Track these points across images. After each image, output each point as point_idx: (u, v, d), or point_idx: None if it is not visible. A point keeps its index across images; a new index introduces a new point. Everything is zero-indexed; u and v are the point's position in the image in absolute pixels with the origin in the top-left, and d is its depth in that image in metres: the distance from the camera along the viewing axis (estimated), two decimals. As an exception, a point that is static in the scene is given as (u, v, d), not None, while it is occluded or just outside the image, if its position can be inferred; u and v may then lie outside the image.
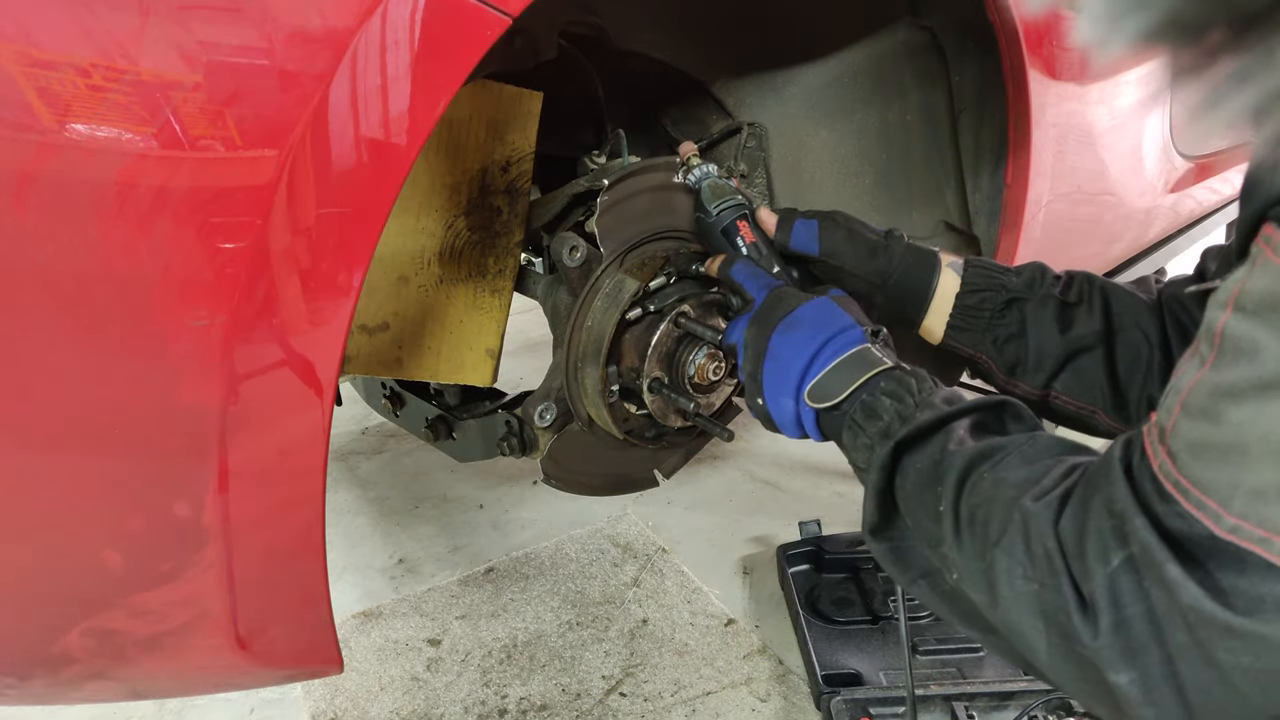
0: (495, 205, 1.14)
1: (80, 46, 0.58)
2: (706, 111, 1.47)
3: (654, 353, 1.12)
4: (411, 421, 1.38)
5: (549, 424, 1.19)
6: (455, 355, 1.19)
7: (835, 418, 0.84)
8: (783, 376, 0.88)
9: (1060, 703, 1.31)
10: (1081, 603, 0.59)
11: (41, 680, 0.82)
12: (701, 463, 2.13)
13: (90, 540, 0.72)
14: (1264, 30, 0.39)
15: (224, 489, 0.71)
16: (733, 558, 1.78)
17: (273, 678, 0.93)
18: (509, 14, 0.72)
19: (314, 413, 0.73)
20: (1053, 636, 0.61)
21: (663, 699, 1.41)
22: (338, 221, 0.69)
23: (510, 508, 1.97)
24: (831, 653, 1.45)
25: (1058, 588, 0.60)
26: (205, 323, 0.65)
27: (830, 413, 0.85)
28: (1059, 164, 1.43)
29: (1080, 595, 0.59)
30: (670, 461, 1.38)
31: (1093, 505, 0.60)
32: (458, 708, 1.40)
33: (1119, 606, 0.57)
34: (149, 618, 0.77)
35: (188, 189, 0.62)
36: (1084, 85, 1.40)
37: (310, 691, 1.44)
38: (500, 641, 1.54)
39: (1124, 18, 0.42)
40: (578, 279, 1.11)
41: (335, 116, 0.66)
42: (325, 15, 0.65)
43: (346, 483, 2.09)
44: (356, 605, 1.65)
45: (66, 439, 0.67)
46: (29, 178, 0.58)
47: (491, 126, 1.10)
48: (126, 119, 0.59)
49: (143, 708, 1.41)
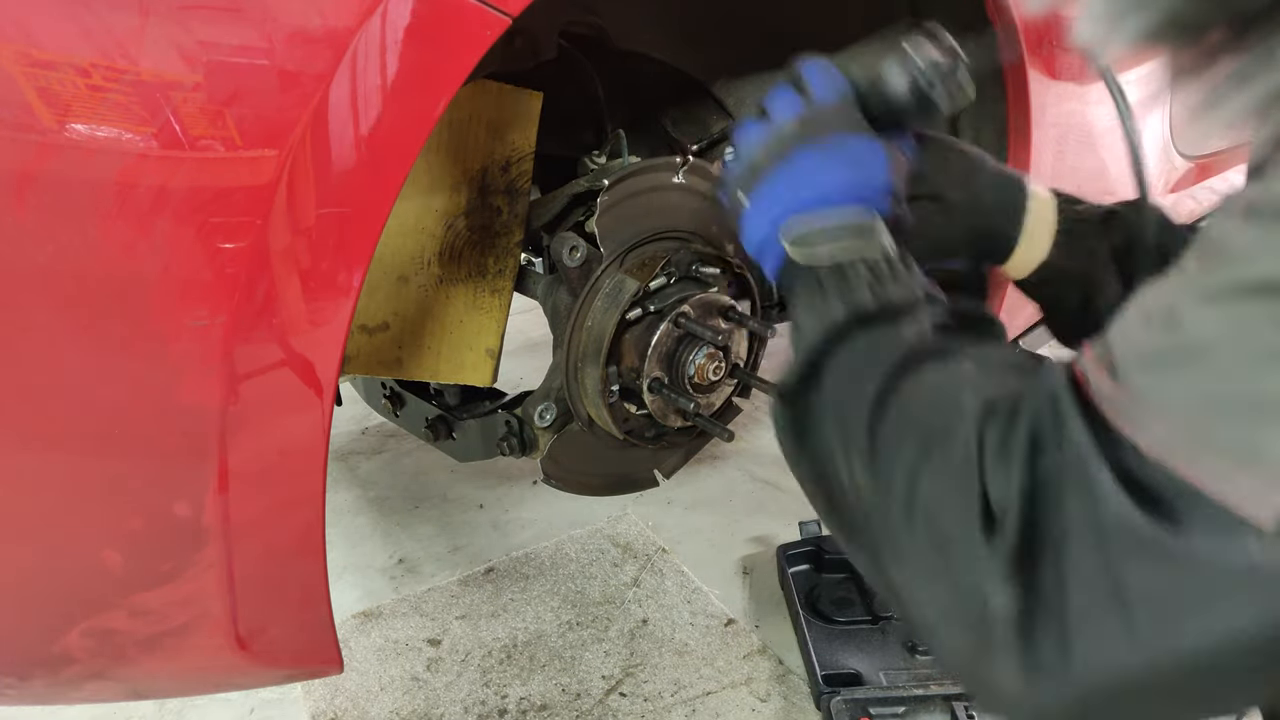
0: (495, 205, 1.15)
1: (80, 46, 0.58)
2: (706, 111, 1.47)
3: (654, 353, 1.12)
4: (411, 421, 1.38)
5: (549, 424, 1.19)
6: (455, 355, 1.19)
7: (799, 271, 0.76)
8: (785, 190, 0.78)
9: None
10: (986, 511, 0.54)
11: (41, 680, 0.82)
12: (701, 463, 2.12)
13: (90, 540, 0.72)
14: (1264, 30, 0.39)
15: (224, 489, 0.71)
16: (733, 558, 1.78)
17: (273, 678, 0.93)
18: (509, 14, 0.72)
19: (314, 413, 0.73)
20: (933, 553, 0.57)
21: (663, 699, 1.41)
22: (338, 221, 0.69)
23: (510, 508, 1.97)
24: (831, 653, 1.45)
25: (966, 490, 0.56)
26: (205, 323, 0.65)
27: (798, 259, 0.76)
28: (1059, 164, 1.43)
29: (987, 502, 0.55)
30: (670, 461, 1.38)
31: (1025, 410, 0.55)
32: (458, 708, 1.40)
33: (1028, 516, 0.52)
34: (149, 618, 0.77)
35: (188, 189, 0.62)
36: (1084, 85, 1.40)
37: (310, 691, 1.44)
38: (500, 641, 1.54)
39: (1124, 18, 0.42)
40: (578, 279, 1.11)
41: (335, 116, 0.66)
42: (325, 15, 0.65)
43: (346, 483, 2.09)
44: (356, 605, 1.65)
45: (67, 439, 0.67)
46: (29, 178, 0.58)
47: (491, 126, 1.10)
48: (126, 119, 0.59)
49: (143, 708, 1.41)
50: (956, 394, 0.61)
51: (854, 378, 0.68)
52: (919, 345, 0.67)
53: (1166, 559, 0.48)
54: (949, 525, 0.56)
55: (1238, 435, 0.44)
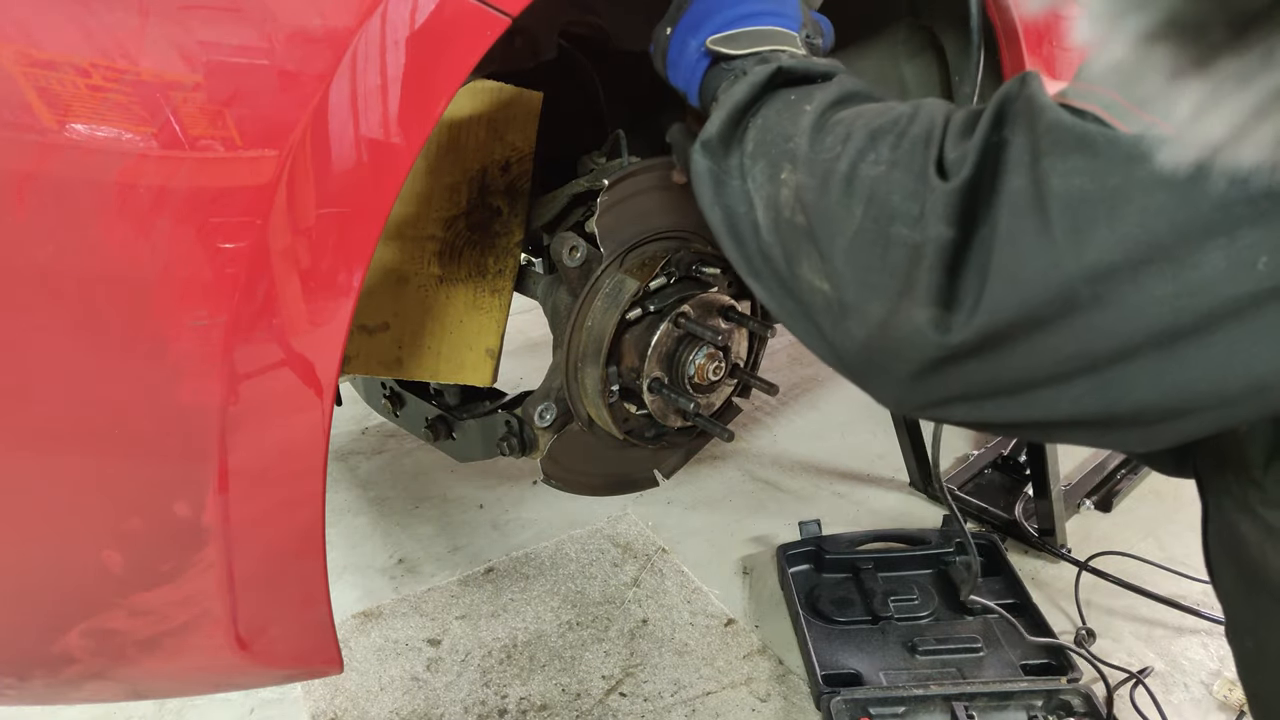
0: (495, 205, 1.14)
1: (80, 46, 0.58)
2: (706, 111, 1.47)
3: (654, 353, 1.12)
4: (411, 421, 1.38)
5: (549, 424, 1.19)
6: (455, 355, 1.19)
7: (724, 71, 0.84)
8: (707, 14, 0.86)
9: (1060, 703, 1.32)
10: (940, 168, 0.60)
11: (41, 680, 0.82)
12: (701, 463, 2.13)
13: (90, 540, 0.72)
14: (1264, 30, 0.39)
15: (224, 489, 0.71)
16: (733, 558, 1.78)
17: (273, 678, 0.93)
18: (509, 14, 0.72)
19: (314, 413, 0.73)
20: (866, 220, 0.63)
21: (663, 699, 1.41)
22: (338, 221, 0.69)
23: (510, 508, 1.97)
24: (831, 653, 1.45)
25: (912, 163, 0.62)
26: (205, 323, 0.65)
27: (723, 64, 0.84)
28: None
29: (941, 163, 0.60)
30: (670, 461, 1.38)
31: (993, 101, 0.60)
32: (458, 708, 1.40)
33: (979, 160, 0.58)
34: (149, 618, 0.77)
35: (188, 189, 0.62)
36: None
37: (310, 691, 1.44)
38: (500, 641, 1.54)
39: (1124, 17, 0.42)
40: (578, 279, 1.11)
41: (335, 116, 0.66)
42: (325, 15, 0.65)
43: (346, 483, 2.09)
44: (356, 605, 1.65)
45: (67, 439, 0.67)
46: (29, 178, 0.58)
47: (491, 126, 1.10)
48: (126, 119, 0.59)
49: (143, 708, 1.41)
50: (900, 107, 0.68)
51: (789, 108, 0.75)
52: (853, 88, 0.75)
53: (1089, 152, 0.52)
54: (890, 193, 0.62)
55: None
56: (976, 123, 0.60)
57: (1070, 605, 1.59)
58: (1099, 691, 1.34)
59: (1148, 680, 1.40)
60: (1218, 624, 1.53)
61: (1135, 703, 1.37)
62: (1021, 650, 1.45)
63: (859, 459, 2.15)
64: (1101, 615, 1.58)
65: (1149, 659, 1.48)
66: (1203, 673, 1.45)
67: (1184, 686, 1.43)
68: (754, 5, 0.85)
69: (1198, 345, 0.51)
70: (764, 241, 0.73)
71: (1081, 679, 1.37)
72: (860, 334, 0.65)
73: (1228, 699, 1.38)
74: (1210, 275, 0.49)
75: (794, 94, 0.76)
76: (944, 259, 0.58)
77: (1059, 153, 0.54)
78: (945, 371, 0.60)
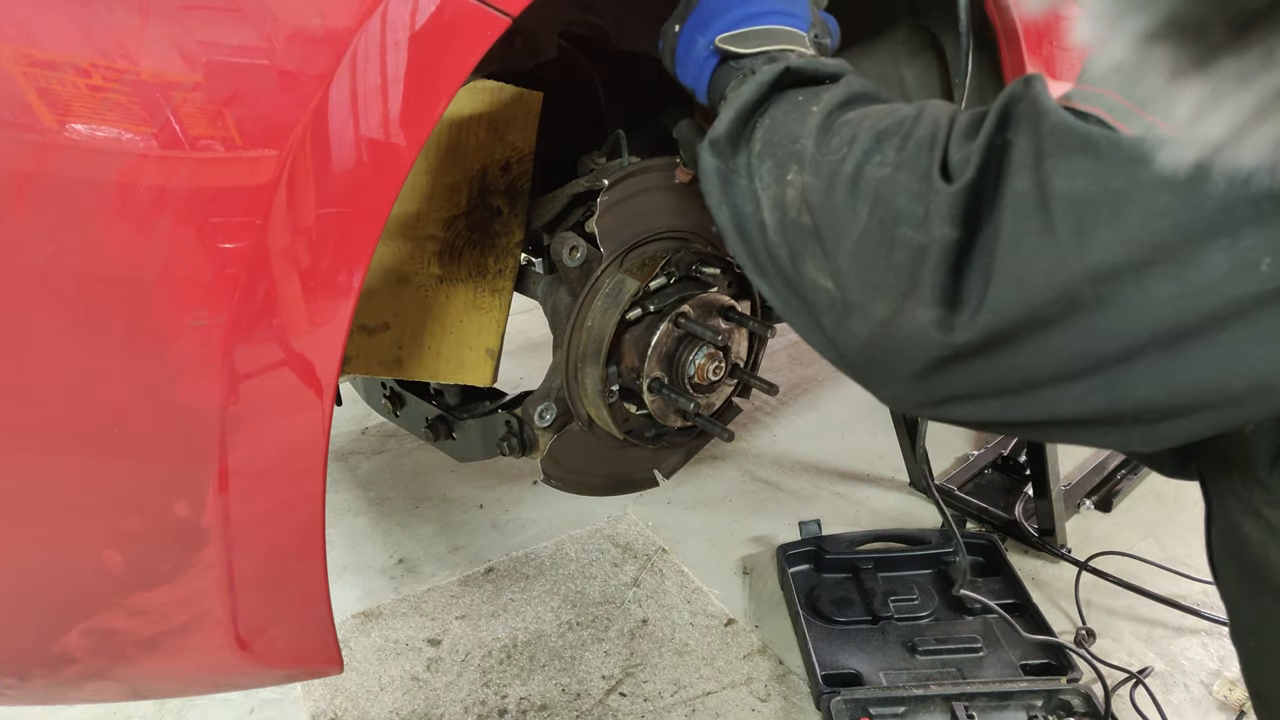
0: (495, 205, 1.15)
1: (80, 46, 0.58)
2: (706, 111, 1.47)
3: (654, 353, 1.12)
4: (411, 421, 1.38)
5: (549, 424, 1.19)
6: (455, 355, 1.19)
7: (732, 70, 0.85)
8: (715, 12, 0.87)
9: (1060, 703, 1.32)
10: (944, 169, 0.60)
11: (41, 680, 0.82)
12: (701, 463, 2.12)
13: (90, 540, 0.72)
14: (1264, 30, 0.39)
15: (224, 489, 0.71)
16: (733, 558, 1.78)
17: (273, 678, 0.93)
18: (509, 14, 0.72)
19: (314, 413, 0.73)
20: (871, 222, 0.63)
21: (663, 699, 1.41)
22: (338, 221, 0.69)
23: (510, 508, 1.97)
24: (831, 653, 1.45)
25: (916, 165, 0.62)
26: (205, 323, 0.65)
27: (731, 63, 0.85)
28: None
29: (945, 165, 0.61)
30: (670, 461, 1.38)
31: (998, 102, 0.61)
32: (458, 708, 1.40)
33: (983, 162, 0.58)
34: (149, 618, 0.77)
35: (188, 189, 0.62)
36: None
37: (310, 691, 1.44)
38: (500, 641, 1.54)
39: (1124, 17, 0.42)
40: (578, 279, 1.11)
41: (335, 116, 0.66)
42: (325, 15, 0.65)
43: (346, 483, 2.09)
44: (356, 605, 1.65)
45: (67, 439, 0.67)
46: (29, 178, 0.58)
47: (491, 126, 1.10)
48: (126, 119, 0.59)
49: (143, 708, 1.41)
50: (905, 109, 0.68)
51: (796, 109, 0.75)
52: (860, 89, 0.75)
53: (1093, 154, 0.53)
54: (895, 194, 0.63)
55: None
56: (981, 125, 0.60)
57: (1070, 605, 1.59)
58: (1099, 691, 1.34)
59: (1148, 680, 1.40)
60: (1218, 624, 1.53)
61: (1135, 703, 1.37)
62: (1021, 650, 1.45)
63: (859, 459, 2.15)
64: (1101, 615, 1.58)
65: (1149, 659, 1.48)
66: (1203, 673, 1.45)
67: (1184, 686, 1.43)
68: (763, 4, 0.86)
69: (1202, 345, 0.51)
70: (770, 241, 0.74)
71: (1081, 679, 1.37)
72: (864, 333, 0.65)
73: (1228, 699, 1.38)
74: (1214, 276, 0.49)
75: (802, 94, 0.76)
76: (948, 260, 0.58)
77: (1062, 155, 0.54)
78: (948, 371, 0.61)
